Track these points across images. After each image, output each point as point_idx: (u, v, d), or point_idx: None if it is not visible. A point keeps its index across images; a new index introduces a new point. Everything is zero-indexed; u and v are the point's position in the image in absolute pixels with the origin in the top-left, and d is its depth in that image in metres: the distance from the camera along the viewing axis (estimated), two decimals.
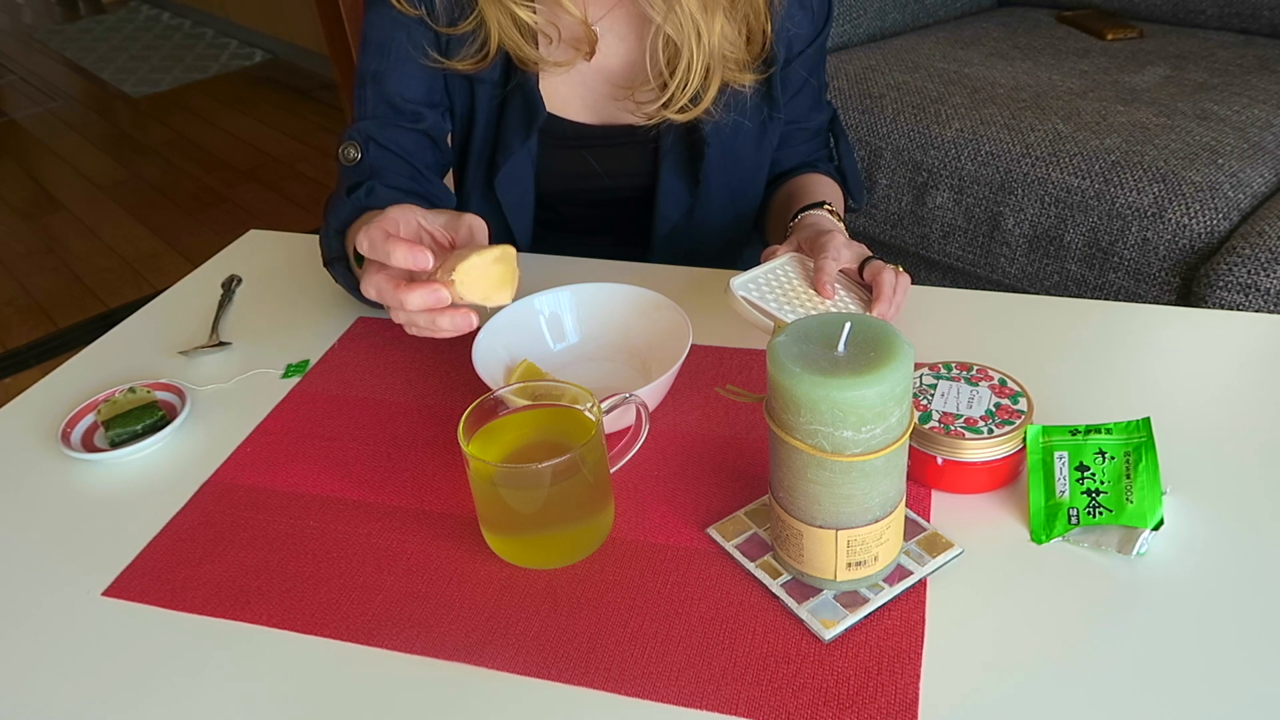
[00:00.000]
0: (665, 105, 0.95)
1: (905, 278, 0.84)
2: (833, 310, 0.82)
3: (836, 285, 0.84)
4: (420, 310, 0.69)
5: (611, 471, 0.68)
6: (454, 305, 0.69)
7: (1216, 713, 0.53)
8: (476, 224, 0.75)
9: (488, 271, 0.68)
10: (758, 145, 1.03)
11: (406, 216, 0.74)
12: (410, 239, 0.71)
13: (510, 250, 0.70)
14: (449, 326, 0.70)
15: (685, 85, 0.93)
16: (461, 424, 0.63)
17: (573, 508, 0.64)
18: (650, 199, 1.03)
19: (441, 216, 0.76)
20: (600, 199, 1.07)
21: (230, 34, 4.79)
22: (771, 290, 0.83)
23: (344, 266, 0.87)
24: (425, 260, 0.68)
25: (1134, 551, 0.62)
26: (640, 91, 0.97)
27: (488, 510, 0.65)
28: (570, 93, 1.00)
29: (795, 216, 0.96)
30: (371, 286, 0.70)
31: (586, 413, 0.66)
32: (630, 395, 0.68)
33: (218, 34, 4.86)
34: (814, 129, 1.10)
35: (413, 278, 0.70)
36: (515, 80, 0.96)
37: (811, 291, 0.83)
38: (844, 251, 0.84)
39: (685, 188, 1.02)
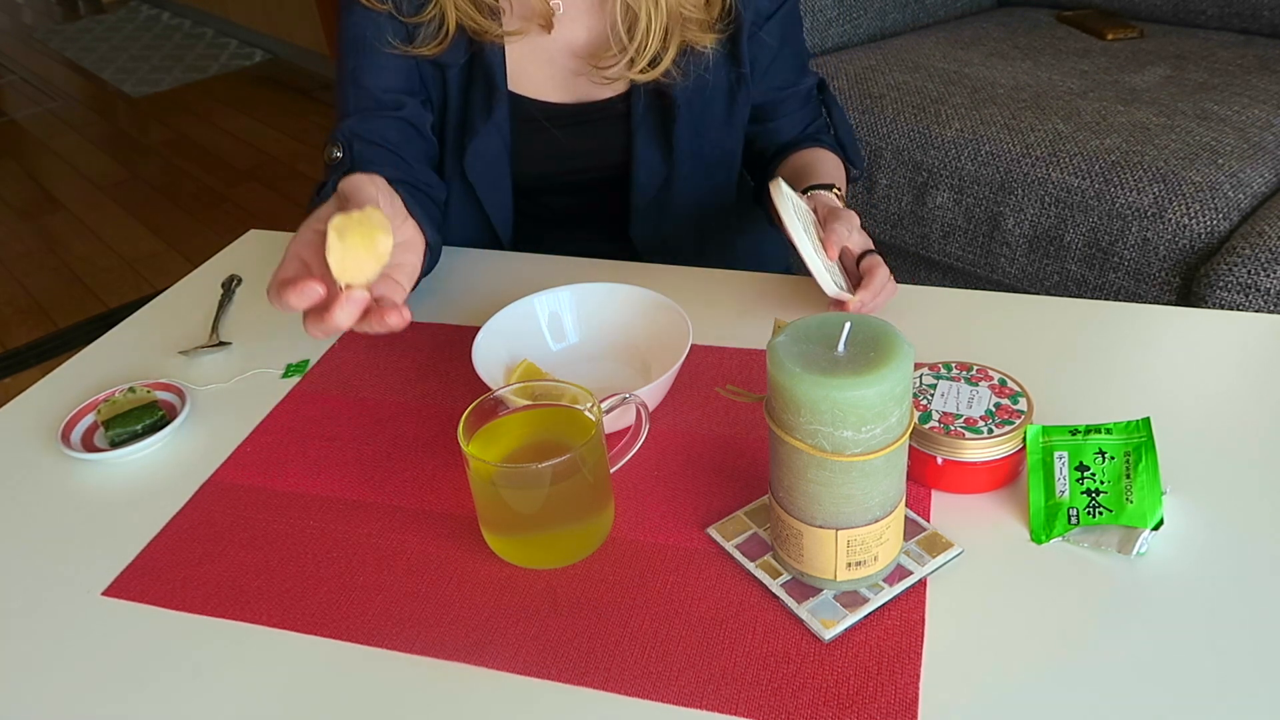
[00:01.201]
0: (628, 67, 0.97)
1: (894, 284, 0.86)
2: (824, 270, 0.83)
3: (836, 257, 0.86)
4: (356, 321, 0.61)
5: (611, 471, 0.68)
6: (380, 307, 0.62)
7: (1216, 712, 0.53)
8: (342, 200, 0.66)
9: (351, 251, 0.60)
10: (729, 113, 1.05)
11: (294, 252, 0.65)
12: (297, 272, 0.63)
13: (339, 219, 0.60)
14: (385, 327, 0.62)
15: (645, 47, 0.96)
16: (461, 424, 0.63)
17: (573, 508, 0.64)
18: (627, 178, 1.06)
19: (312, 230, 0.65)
20: (578, 182, 1.08)
21: (230, 34, 4.79)
22: (800, 212, 0.86)
23: None
24: (314, 290, 0.60)
25: (1134, 551, 0.62)
26: (603, 58, 0.99)
27: (488, 510, 0.65)
28: (539, 72, 1.02)
29: (805, 191, 0.97)
30: (317, 331, 0.62)
31: (586, 413, 0.66)
32: (630, 395, 0.68)
33: (217, 34, 4.86)
34: (804, 93, 1.11)
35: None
36: (478, 60, 0.99)
37: (818, 241, 0.85)
38: (855, 235, 0.87)
39: (660, 157, 1.04)
